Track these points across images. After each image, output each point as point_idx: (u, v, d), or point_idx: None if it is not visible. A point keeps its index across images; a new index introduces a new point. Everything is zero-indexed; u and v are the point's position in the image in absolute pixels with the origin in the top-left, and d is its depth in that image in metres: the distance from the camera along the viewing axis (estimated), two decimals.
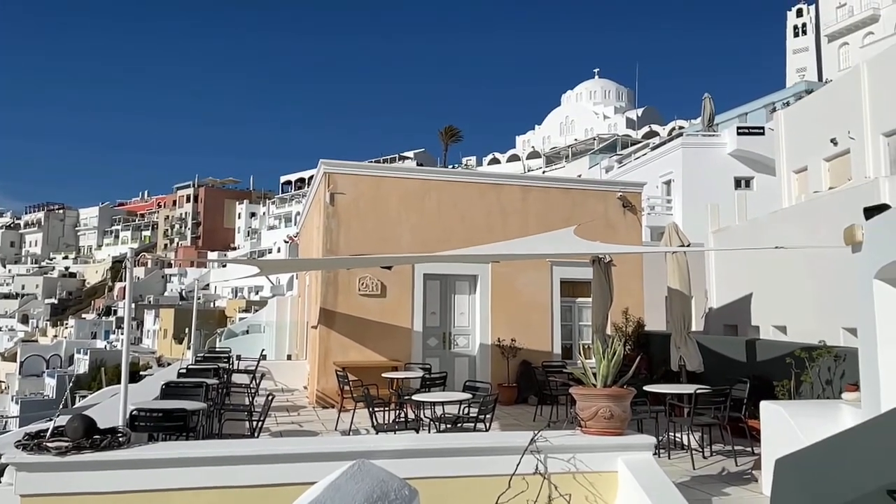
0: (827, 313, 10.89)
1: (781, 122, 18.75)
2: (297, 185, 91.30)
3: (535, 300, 13.31)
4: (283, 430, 9.97)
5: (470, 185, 13.42)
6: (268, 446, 5.32)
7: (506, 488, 4.91)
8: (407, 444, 5.15)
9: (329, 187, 12.49)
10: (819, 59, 57.40)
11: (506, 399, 12.15)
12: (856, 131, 15.25)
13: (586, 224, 11.95)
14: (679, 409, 8.83)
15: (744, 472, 7.13)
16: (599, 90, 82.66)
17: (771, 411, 6.24)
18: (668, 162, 27.14)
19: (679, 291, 10.14)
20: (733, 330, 14.32)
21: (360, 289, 12.46)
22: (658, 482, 4.98)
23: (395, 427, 8.18)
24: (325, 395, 12.09)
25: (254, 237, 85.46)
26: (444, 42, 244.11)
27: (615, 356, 5.44)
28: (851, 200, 9.63)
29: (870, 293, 4.98)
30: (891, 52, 15.15)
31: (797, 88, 37.04)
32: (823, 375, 8.00)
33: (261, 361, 14.67)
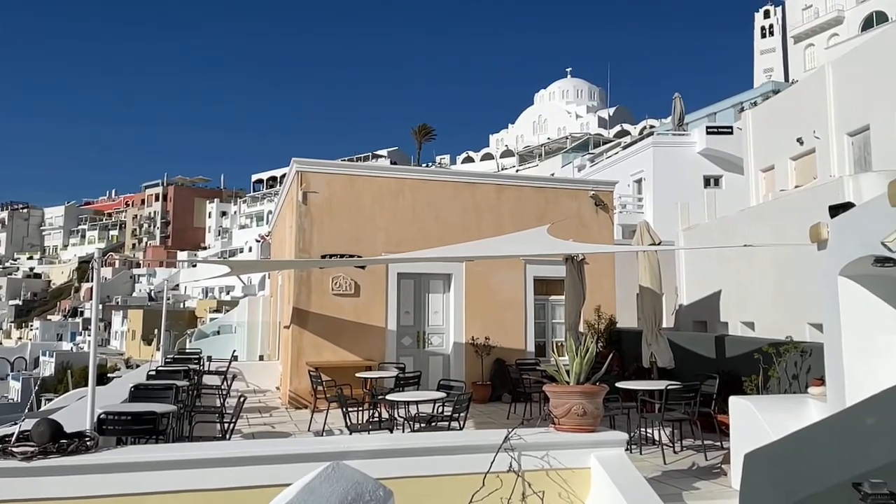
0: (793, 309, 11.11)
1: (749, 122, 19.08)
2: (268, 183, 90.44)
3: (508, 298, 13.36)
4: (256, 431, 9.87)
5: (444, 183, 13.42)
6: (240, 448, 5.26)
7: (480, 486, 4.93)
8: (381, 445, 5.14)
9: (302, 186, 12.39)
10: (785, 59, 58.52)
11: (480, 397, 12.19)
12: (821, 131, 15.57)
13: (559, 222, 12.04)
14: (650, 405, 8.94)
15: (713, 467, 7.24)
16: (572, 89, 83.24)
17: (739, 406, 6.34)
18: (640, 161, 27.45)
19: (650, 289, 10.27)
20: (703, 326, 14.54)
21: (333, 288, 12.39)
22: (630, 478, 5.05)
23: (369, 427, 8.15)
24: (298, 395, 11.99)
25: (225, 236, 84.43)
26: (417, 40, 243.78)
27: (588, 354, 5.49)
28: (817, 199, 9.83)
29: (835, 290, 5.09)
30: (854, 54, 15.50)
31: (764, 89, 37.73)
32: (790, 370, 8.16)
33: (232, 362, 14.49)
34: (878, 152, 13.82)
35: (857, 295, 5.03)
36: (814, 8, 54.59)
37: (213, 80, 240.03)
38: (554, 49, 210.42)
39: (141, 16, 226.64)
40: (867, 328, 4.98)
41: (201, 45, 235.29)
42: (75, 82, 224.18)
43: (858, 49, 15.72)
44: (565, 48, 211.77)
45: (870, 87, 14.09)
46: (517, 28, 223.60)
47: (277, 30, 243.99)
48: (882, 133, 13.72)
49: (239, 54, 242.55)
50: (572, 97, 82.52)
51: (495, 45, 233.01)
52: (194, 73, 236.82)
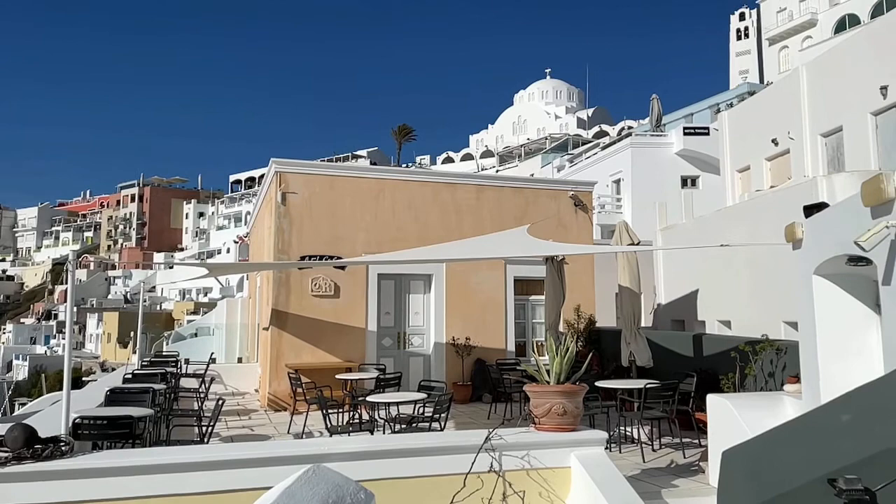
0: (769, 308, 11.26)
1: (725, 123, 19.31)
2: (247, 184, 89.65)
3: (489, 299, 13.39)
4: (234, 434, 9.78)
5: (424, 184, 13.40)
6: (218, 452, 5.21)
7: (461, 487, 4.93)
8: (362, 446, 5.12)
9: (280, 187, 12.31)
10: (761, 61, 59.35)
11: (460, 398, 12.20)
12: (795, 132, 15.81)
13: (539, 223, 12.10)
14: (629, 403, 9.01)
15: (692, 464, 7.32)
16: (551, 90, 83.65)
17: (717, 404, 6.41)
18: (618, 161, 27.66)
19: (629, 289, 10.34)
20: (680, 325, 14.68)
21: (312, 289, 12.32)
22: (610, 476, 5.08)
23: (349, 429, 8.11)
24: (278, 397, 11.91)
25: (202, 238, 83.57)
26: (397, 40, 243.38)
27: (568, 353, 5.51)
28: (791, 199, 9.97)
29: (809, 288, 5.17)
30: (827, 56, 15.75)
31: (740, 90, 38.26)
32: (766, 368, 8.27)
33: (210, 365, 14.34)
34: (851, 153, 14.07)
35: (831, 294, 5.11)
36: (788, 11, 55.42)
37: (191, 82, 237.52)
38: (533, 50, 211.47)
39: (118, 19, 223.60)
40: (841, 326, 5.07)
41: (179, 49, 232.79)
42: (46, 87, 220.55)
43: (831, 51, 15.98)
44: (544, 49, 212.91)
45: (842, 89, 14.34)
46: (497, 29, 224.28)
47: (257, 32, 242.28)
48: (854, 134, 13.97)
49: (216, 55, 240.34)
50: (551, 98, 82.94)
51: (475, 45, 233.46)
52: (172, 75, 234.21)
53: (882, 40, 13.27)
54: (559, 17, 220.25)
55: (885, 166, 12.70)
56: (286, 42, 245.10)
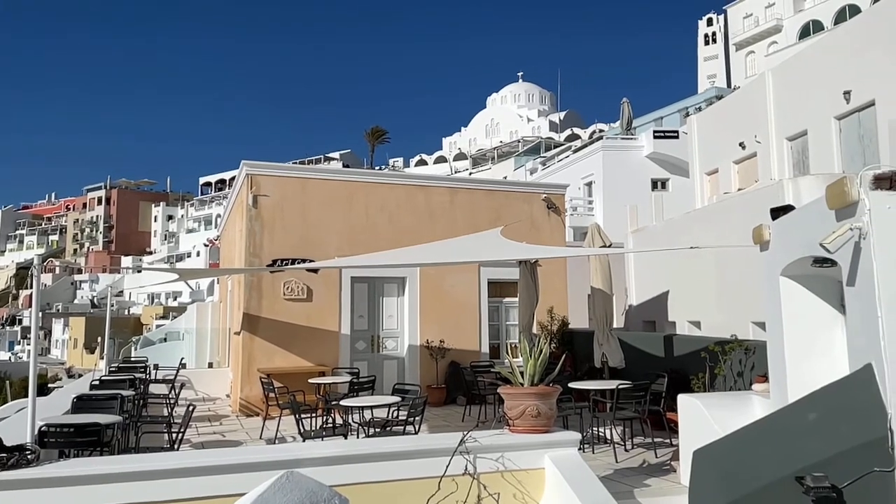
0: (737, 308, 11.46)
1: (694, 127, 19.63)
2: (217, 186, 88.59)
3: (463, 301, 13.41)
4: (205, 441, 9.65)
5: (397, 186, 13.38)
6: (189, 458, 5.13)
7: (436, 490, 4.92)
8: (335, 451, 5.08)
9: (252, 189, 12.18)
10: (728, 66, 60.44)
11: (435, 400, 12.19)
12: (762, 135, 16.13)
13: (512, 225, 12.15)
14: (602, 404, 9.09)
15: (663, 464, 7.40)
16: (523, 93, 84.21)
17: (687, 404, 6.49)
18: (590, 164, 27.94)
19: (601, 290, 10.45)
20: (652, 326, 14.86)
21: (285, 293, 12.21)
22: (583, 477, 5.11)
23: (322, 434, 8.05)
24: (250, 403, 11.77)
25: (171, 241, 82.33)
26: (369, 42, 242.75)
27: (541, 355, 5.55)
28: (758, 201, 10.16)
29: (777, 289, 5.27)
30: (793, 62, 16.11)
31: (708, 94, 38.92)
32: (735, 368, 8.41)
33: (180, 370, 14.14)
34: (815, 156, 14.40)
35: (797, 294, 5.21)
36: (754, 16, 56.55)
37: (160, 83, 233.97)
38: (505, 53, 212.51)
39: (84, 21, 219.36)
40: (808, 326, 5.17)
41: (146, 50, 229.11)
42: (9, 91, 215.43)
43: (796, 57, 16.35)
44: (517, 52, 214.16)
45: (807, 94, 14.67)
46: (469, 32, 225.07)
47: (228, 31, 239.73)
48: (818, 138, 14.30)
49: (184, 57, 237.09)
50: (524, 101, 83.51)
51: (448, 48, 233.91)
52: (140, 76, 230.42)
53: (845, 46, 13.62)
54: (531, 20, 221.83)
55: (848, 169, 13.02)
56: (256, 44, 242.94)
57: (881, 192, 3.68)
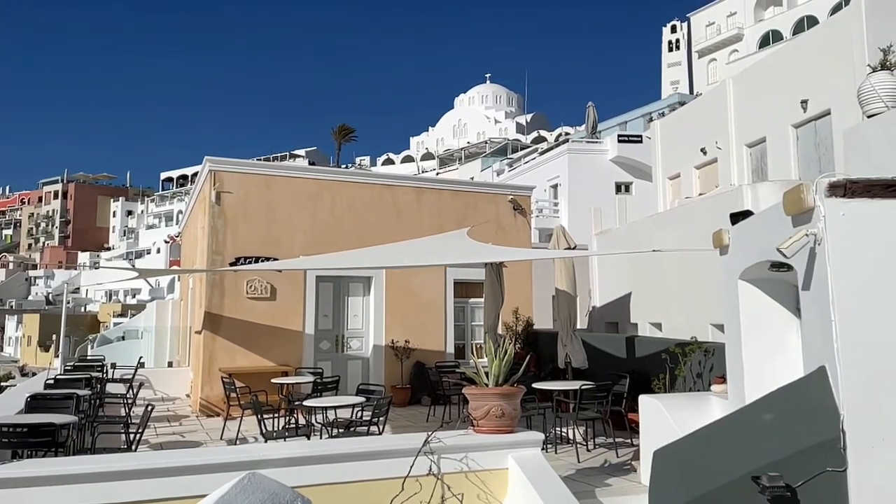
0: (697, 310, 11.68)
1: (657, 132, 19.94)
2: (179, 182, 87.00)
3: (428, 301, 13.40)
4: (164, 441, 9.46)
5: (364, 185, 13.31)
6: (147, 459, 5.02)
7: (399, 491, 4.91)
8: (297, 452, 5.03)
9: (215, 186, 11.99)
10: (690, 73, 61.62)
11: (399, 400, 12.16)
12: (722, 142, 16.47)
13: (479, 226, 12.20)
14: (565, 404, 9.18)
15: (624, 463, 7.51)
16: (491, 95, 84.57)
17: (648, 404, 6.60)
18: (556, 166, 28.20)
19: (566, 292, 10.55)
20: (614, 327, 15.05)
21: (248, 291, 12.05)
22: (546, 477, 5.15)
23: (285, 434, 7.97)
24: (210, 403, 11.59)
25: (131, 237, 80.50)
26: (338, 40, 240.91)
27: (506, 356, 5.58)
28: (718, 206, 10.36)
29: (735, 292, 5.39)
30: (752, 70, 16.48)
31: (671, 100, 39.60)
32: (695, 369, 8.58)
33: (139, 369, 13.83)
34: (773, 163, 14.76)
35: (755, 297, 5.34)
36: (716, 25, 57.74)
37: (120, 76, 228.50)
38: (473, 54, 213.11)
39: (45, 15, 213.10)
40: (764, 329, 5.30)
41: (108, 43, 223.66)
42: None
43: (756, 65, 16.73)
44: (484, 53, 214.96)
45: (766, 102, 15.03)
46: (437, 32, 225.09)
47: (191, 27, 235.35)
48: (776, 145, 14.66)
49: (149, 51, 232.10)
50: (491, 103, 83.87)
51: (416, 48, 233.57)
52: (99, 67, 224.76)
53: (803, 56, 13.99)
54: (498, 22, 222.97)
55: (804, 176, 13.38)
56: (222, 39, 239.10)
57: (835, 199, 3.78)
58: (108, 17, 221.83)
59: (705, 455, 4.25)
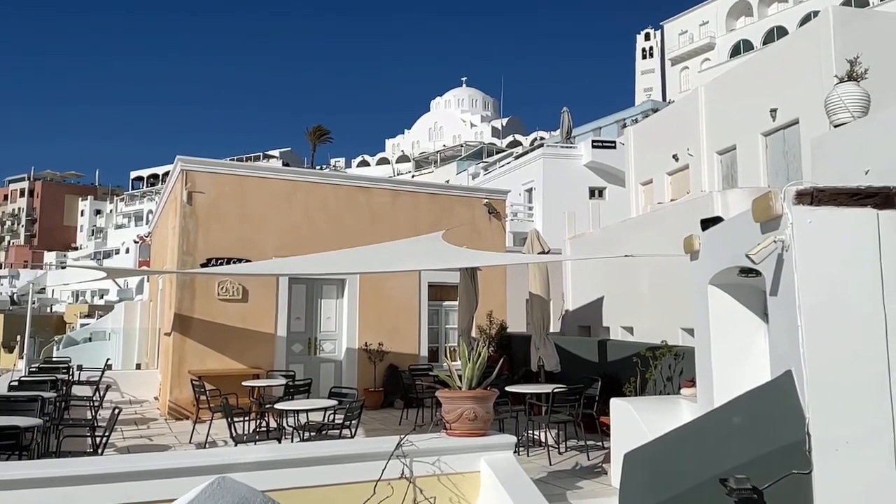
0: (668, 315, 11.81)
1: (630, 138, 20.17)
2: (149, 181, 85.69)
3: (402, 304, 13.37)
4: (132, 445, 9.30)
5: (339, 187, 13.25)
6: (114, 463, 4.93)
7: (371, 494, 4.88)
8: (268, 456, 4.98)
9: (186, 185, 11.83)
10: (664, 80, 62.47)
11: (372, 404, 12.11)
12: (694, 149, 16.72)
13: (454, 229, 12.21)
14: (538, 407, 9.23)
15: (595, 466, 7.57)
16: (467, 98, 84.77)
17: (619, 407, 6.66)
18: (530, 171, 28.38)
19: (539, 295, 10.60)
20: (587, 331, 15.17)
21: (219, 293, 11.90)
22: (517, 480, 5.17)
23: (255, 438, 7.89)
24: (179, 406, 11.42)
25: (99, 236, 79.02)
26: (313, 39, 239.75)
27: (480, 359, 5.59)
28: (689, 212, 10.52)
29: (705, 297, 5.46)
30: (724, 78, 16.77)
31: (644, 107, 40.10)
32: (665, 373, 8.68)
33: (106, 371, 13.58)
34: (743, 170, 15.02)
35: (724, 302, 5.42)
36: (689, 33, 58.62)
37: (92, 72, 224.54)
38: (450, 58, 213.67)
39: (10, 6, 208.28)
40: (733, 333, 5.39)
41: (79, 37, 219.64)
42: None
43: (727, 74, 17.03)
44: (461, 57, 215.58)
45: (736, 110, 15.30)
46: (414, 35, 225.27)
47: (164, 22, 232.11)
48: (746, 153, 14.93)
49: (120, 47, 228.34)
50: (467, 106, 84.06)
51: (393, 50, 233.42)
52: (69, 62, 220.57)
53: (772, 66, 14.27)
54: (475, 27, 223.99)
55: (773, 184, 13.64)
56: (193, 38, 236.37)
57: (803, 206, 3.86)
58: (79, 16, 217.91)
59: (674, 458, 4.31)
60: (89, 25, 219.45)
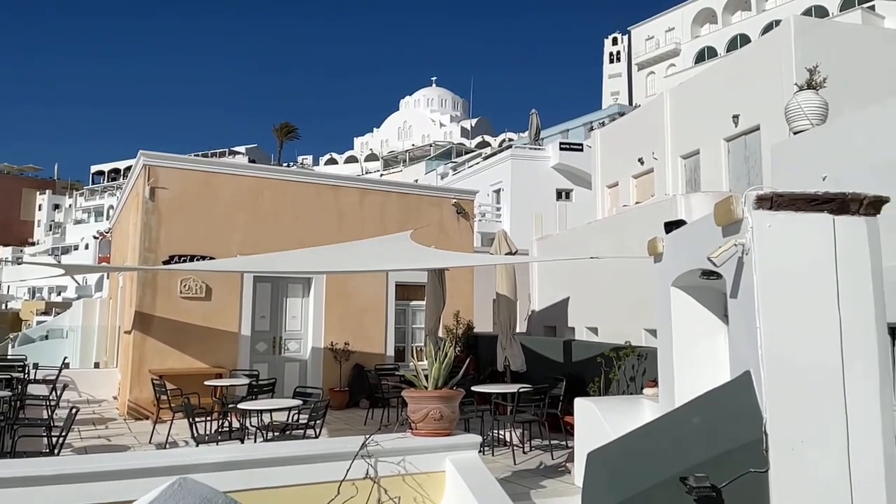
0: (631, 315, 11.98)
1: (597, 141, 20.40)
2: (110, 176, 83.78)
3: (369, 303, 13.32)
4: (89, 445, 9.08)
5: (306, 185, 13.13)
6: (70, 464, 4.81)
7: (335, 495, 4.86)
8: (230, 456, 4.91)
9: (149, 181, 11.60)
10: (630, 84, 63.36)
11: (337, 404, 12.04)
12: (659, 153, 16.99)
13: (422, 228, 12.20)
14: (503, 407, 9.28)
15: (559, 465, 7.64)
16: (437, 98, 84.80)
17: (583, 407, 6.73)
18: (499, 172, 28.51)
19: (506, 296, 10.66)
20: (552, 331, 15.30)
21: (181, 291, 11.70)
22: (482, 479, 5.20)
23: (217, 438, 7.77)
24: (139, 405, 11.19)
25: (57, 232, 77.00)
26: (281, 38, 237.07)
27: (446, 359, 5.60)
28: (654, 215, 10.67)
29: (668, 299, 5.55)
30: (688, 84, 17.07)
31: (611, 110, 40.63)
32: (628, 373, 8.81)
33: (63, 370, 13.25)
34: (706, 175, 15.31)
35: (686, 304, 5.51)
36: (655, 39, 59.57)
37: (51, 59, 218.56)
38: (420, 59, 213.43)
39: None
40: (694, 334, 5.49)
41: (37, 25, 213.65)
42: None
43: (692, 80, 17.34)
44: (430, 56, 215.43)
45: (700, 115, 15.59)
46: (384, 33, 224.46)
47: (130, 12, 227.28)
48: (709, 157, 15.22)
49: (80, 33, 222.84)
50: (437, 106, 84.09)
51: (362, 48, 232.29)
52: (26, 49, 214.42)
53: (735, 73, 14.58)
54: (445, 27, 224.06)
55: (735, 188, 13.93)
56: (159, 35, 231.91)
57: (762, 211, 3.95)
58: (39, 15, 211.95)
59: (636, 457, 4.37)
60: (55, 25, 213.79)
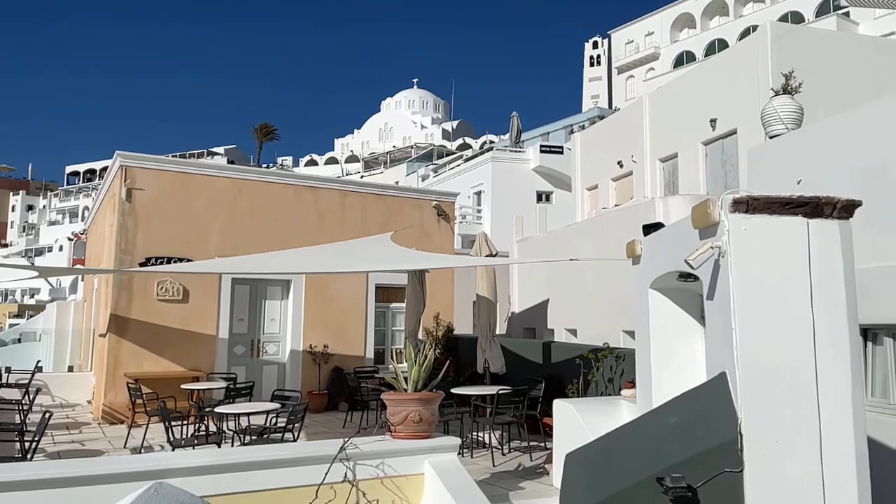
0: (610, 317, 12.06)
1: (577, 144, 20.53)
2: (86, 176, 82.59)
3: (349, 306, 13.26)
4: (63, 450, 8.93)
5: (286, 186, 13.05)
6: (43, 469, 4.72)
7: (314, 499, 4.83)
8: (207, 461, 4.85)
9: (126, 182, 11.45)
10: (610, 88, 63.83)
11: (316, 406, 11.97)
12: (638, 156, 17.13)
13: (403, 230, 12.18)
14: (483, 409, 9.28)
15: (538, 467, 7.66)
16: (418, 100, 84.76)
17: (562, 409, 6.76)
18: (480, 174, 28.56)
19: (486, 298, 10.68)
20: (532, 332, 15.35)
21: (158, 293, 11.56)
22: (461, 482, 5.20)
23: (194, 442, 7.68)
24: (114, 409, 11.03)
25: (31, 233, 75.72)
26: (264, 33, 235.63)
27: (426, 362, 5.59)
28: (633, 218, 10.76)
29: (645, 300, 5.60)
30: (667, 88, 17.24)
31: (591, 113, 40.88)
32: (606, 374, 8.86)
33: (36, 374, 13.02)
34: (684, 178, 15.47)
35: (664, 306, 5.56)
36: (635, 43, 60.08)
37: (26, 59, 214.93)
38: (401, 61, 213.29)
39: None
40: (671, 336, 5.53)
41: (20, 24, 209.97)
42: None
43: (670, 84, 17.51)
44: (412, 59, 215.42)
45: (678, 119, 15.75)
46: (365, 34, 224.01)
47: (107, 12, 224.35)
48: (687, 161, 15.38)
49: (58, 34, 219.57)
50: (418, 108, 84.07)
51: (343, 49, 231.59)
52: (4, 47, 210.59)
53: (713, 77, 14.75)
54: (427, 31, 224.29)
55: (712, 191, 14.09)
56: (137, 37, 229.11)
57: (738, 214, 4.00)
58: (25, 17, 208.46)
59: (613, 457, 4.40)
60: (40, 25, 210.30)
